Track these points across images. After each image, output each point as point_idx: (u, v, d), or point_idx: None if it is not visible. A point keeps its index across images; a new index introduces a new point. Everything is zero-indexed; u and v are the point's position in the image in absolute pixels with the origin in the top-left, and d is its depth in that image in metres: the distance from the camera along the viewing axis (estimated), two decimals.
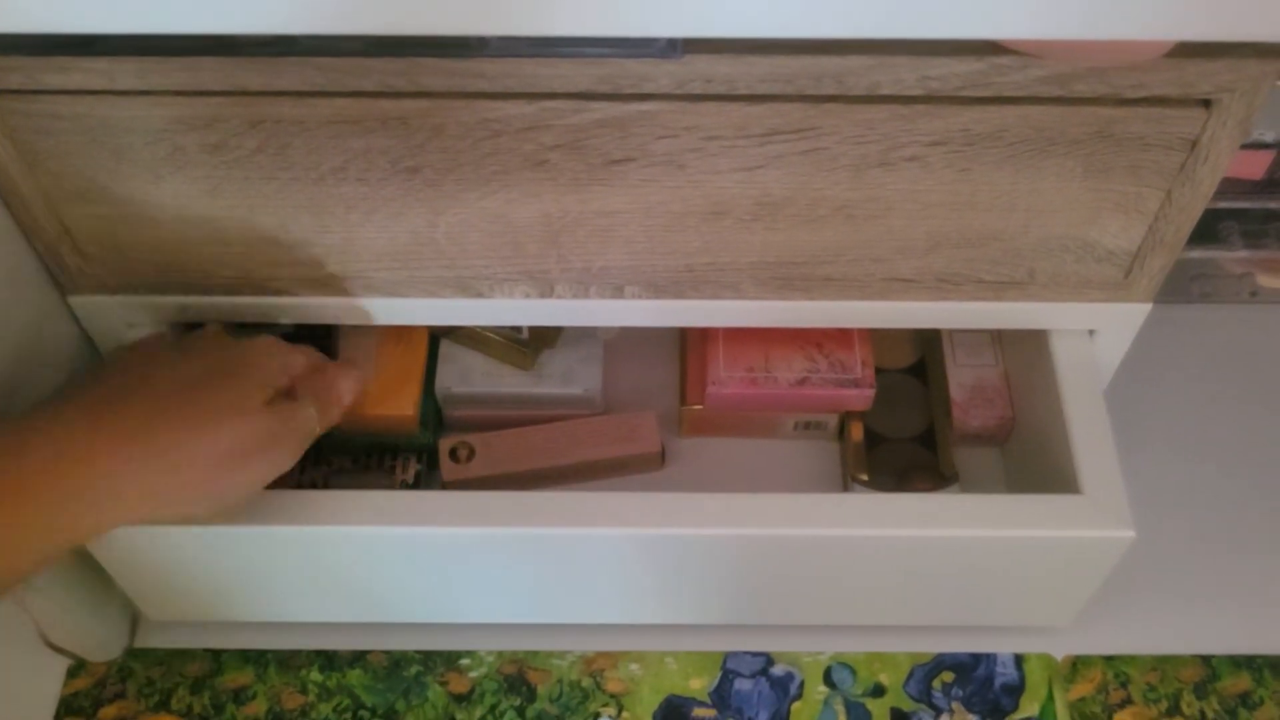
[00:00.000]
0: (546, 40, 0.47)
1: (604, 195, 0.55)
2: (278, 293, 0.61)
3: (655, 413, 0.71)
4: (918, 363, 0.75)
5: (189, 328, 0.67)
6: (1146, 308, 0.62)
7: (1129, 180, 0.54)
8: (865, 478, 0.70)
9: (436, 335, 0.72)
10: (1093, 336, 0.65)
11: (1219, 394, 0.80)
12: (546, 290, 0.61)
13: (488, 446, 0.69)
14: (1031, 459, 0.69)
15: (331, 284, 0.61)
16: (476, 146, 0.53)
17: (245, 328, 0.62)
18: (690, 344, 0.73)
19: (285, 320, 0.63)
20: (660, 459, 0.71)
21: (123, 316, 0.63)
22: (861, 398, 0.69)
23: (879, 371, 0.71)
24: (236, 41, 0.47)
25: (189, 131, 0.52)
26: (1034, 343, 0.68)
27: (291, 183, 0.55)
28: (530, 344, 0.70)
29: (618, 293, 0.61)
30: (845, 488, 0.72)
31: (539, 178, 0.54)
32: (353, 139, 0.52)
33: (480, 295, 0.61)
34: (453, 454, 0.69)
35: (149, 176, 0.54)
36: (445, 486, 0.69)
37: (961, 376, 0.73)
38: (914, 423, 0.73)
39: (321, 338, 0.67)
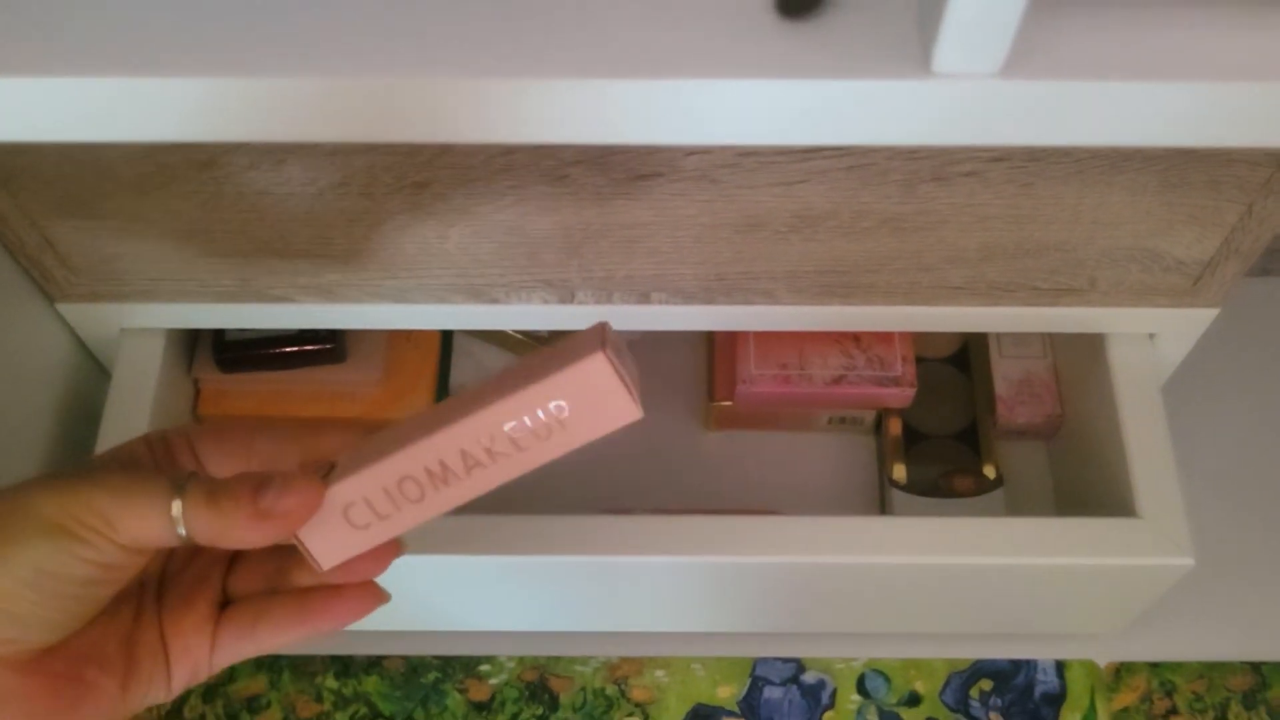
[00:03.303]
0: None
1: (629, 208, 0.51)
2: (279, 300, 0.57)
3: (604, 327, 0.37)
4: (960, 351, 0.71)
5: (192, 335, 0.64)
6: (1213, 312, 0.58)
7: (1208, 194, 0.49)
8: (903, 481, 0.66)
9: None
10: (1153, 339, 0.60)
11: (1273, 379, 0.75)
12: (566, 297, 0.57)
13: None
14: (1082, 463, 0.65)
15: (336, 292, 0.56)
16: (489, 163, 0.48)
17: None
18: (719, 337, 0.69)
19: (290, 327, 0.59)
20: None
21: (116, 322, 0.60)
22: (901, 396, 0.65)
23: (919, 361, 0.67)
24: None
25: (175, 149, 0.47)
26: (1088, 339, 0.63)
27: (288, 198, 0.50)
28: (549, 338, 0.66)
29: (643, 299, 0.57)
30: (881, 488, 0.68)
31: (558, 192, 0.49)
32: (354, 155, 0.48)
33: (495, 301, 0.57)
34: None
35: (133, 192, 0.50)
36: None
37: (1007, 369, 0.68)
38: (955, 418, 0.69)
39: (326, 339, 0.63)
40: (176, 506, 0.34)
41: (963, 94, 0.29)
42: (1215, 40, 0.29)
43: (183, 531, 0.34)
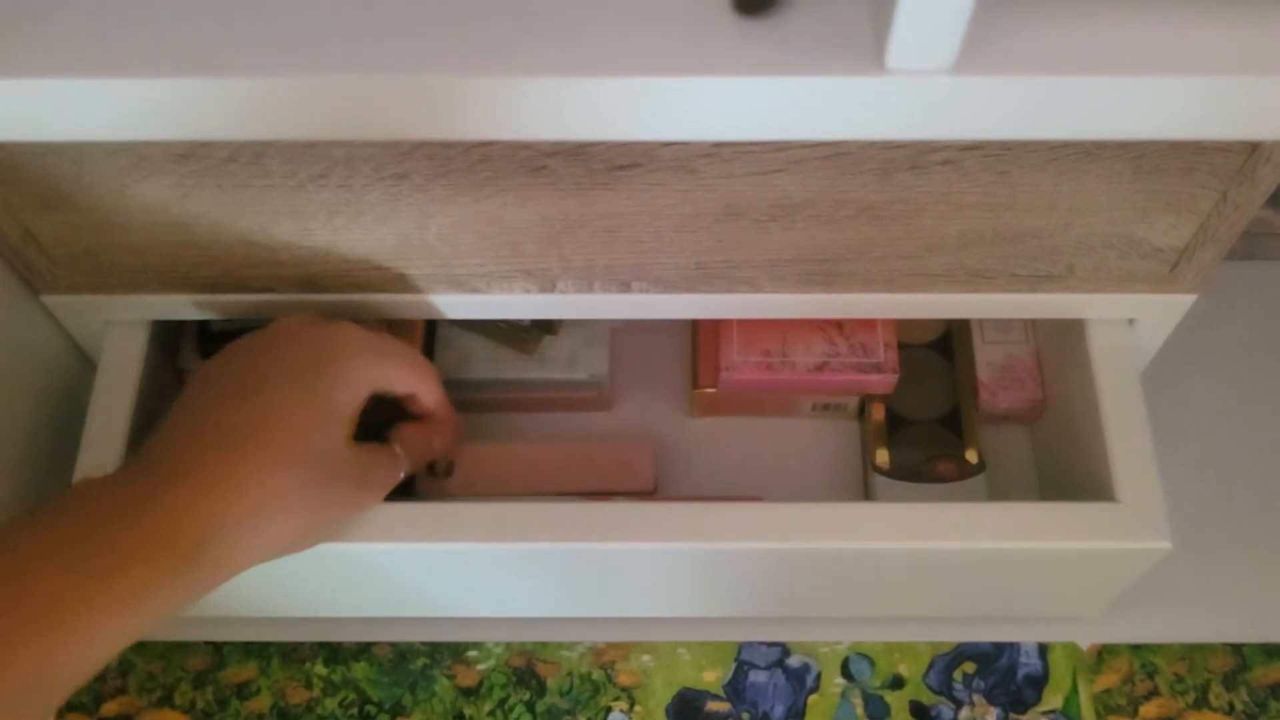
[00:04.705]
0: None
1: (608, 199, 0.51)
2: (261, 290, 0.57)
3: (652, 446, 0.65)
4: (943, 337, 0.71)
5: (177, 326, 0.64)
6: (1191, 298, 0.58)
7: (1182, 181, 0.49)
8: (887, 467, 0.66)
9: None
10: (1132, 324, 0.61)
11: (1255, 362, 0.76)
12: (548, 286, 0.57)
13: (469, 462, 0.63)
14: (1062, 448, 0.65)
15: (318, 282, 0.57)
16: (467, 154, 0.48)
17: None
18: (702, 325, 0.69)
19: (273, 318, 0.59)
20: (653, 492, 0.66)
21: (101, 314, 0.60)
22: (884, 383, 0.66)
23: (902, 347, 0.67)
24: None
25: (153, 141, 0.47)
26: (1069, 325, 0.64)
27: (268, 189, 0.50)
28: (532, 328, 0.66)
29: (624, 288, 0.57)
30: (865, 474, 0.69)
31: (537, 182, 0.50)
32: (332, 147, 0.48)
33: (476, 291, 0.57)
34: (430, 467, 0.63)
35: (113, 185, 0.50)
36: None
37: (990, 354, 0.69)
38: (938, 403, 0.69)
39: None
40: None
41: (916, 90, 0.29)
42: (1168, 34, 0.30)
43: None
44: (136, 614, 0.43)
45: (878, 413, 0.68)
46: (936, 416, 0.69)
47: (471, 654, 0.68)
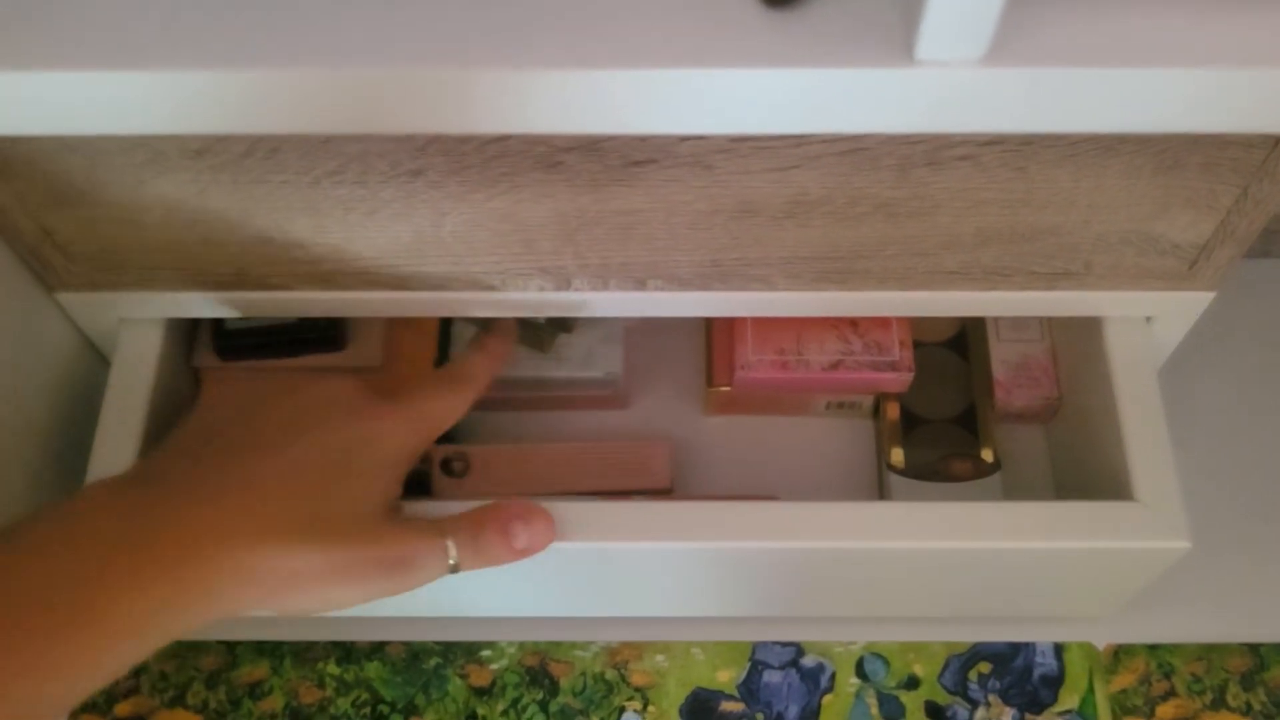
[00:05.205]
0: None
1: (624, 195, 0.51)
2: (277, 288, 0.57)
3: (669, 445, 0.65)
4: (958, 335, 0.71)
5: (192, 324, 0.64)
6: (1210, 295, 0.58)
7: (1202, 177, 0.49)
8: (901, 466, 0.66)
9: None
10: (1149, 322, 0.60)
11: (1273, 360, 0.75)
12: (563, 284, 0.57)
13: (485, 462, 0.63)
14: (1079, 445, 0.65)
15: (333, 279, 0.57)
16: (482, 149, 0.48)
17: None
18: (717, 323, 0.69)
19: (288, 315, 0.60)
20: (670, 491, 0.66)
21: (115, 311, 0.60)
22: (899, 381, 0.65)
23: (916, 345, 0.67)
24: None
25: (168, 137, 0.47)
26: (1085, 322, 0.63)
27: (283, 185, 0.50)
28: (548, 326, 0.66)
29: (639, 286, 0.57)
30: (879, 473, 0.68)
31: (552, 179, 0.50)
32: (348, 143, 0.48)
33: (492, 289, 0.57)
34: (445, 466, 0.63)
35: (129, 181, 0.50)
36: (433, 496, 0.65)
37: (1005, 353, 0.68)
38: (953, 402, 0.69)
39: (325, 326, 0.63)
40: (453, 554, 0.50)
41: (947, 82, 0.29)
42: (1198, 26, 0.29)
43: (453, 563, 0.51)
44: (140, 636, 0.43)
45: (892, 411, 0.68)
46: (951, 415, 0.69)
47: (485, 653, 0.67)
